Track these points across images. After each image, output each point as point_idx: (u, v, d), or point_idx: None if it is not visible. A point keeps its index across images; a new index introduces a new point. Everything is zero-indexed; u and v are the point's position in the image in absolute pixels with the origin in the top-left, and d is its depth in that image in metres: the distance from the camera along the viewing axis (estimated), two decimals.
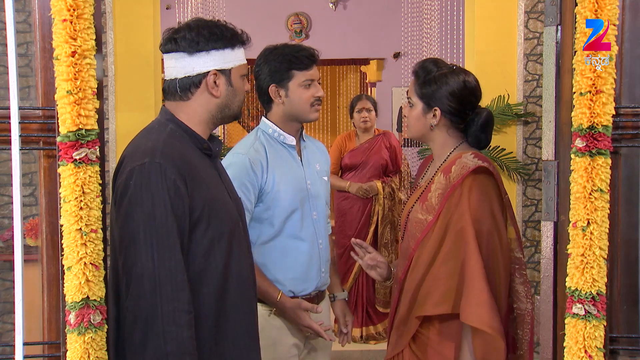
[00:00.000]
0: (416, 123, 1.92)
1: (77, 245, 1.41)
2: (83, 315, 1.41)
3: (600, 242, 1.44)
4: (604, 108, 1.43)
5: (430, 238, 1.80)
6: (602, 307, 1.45)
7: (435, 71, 1.90)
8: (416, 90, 1.91)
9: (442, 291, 1.74)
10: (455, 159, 1.86)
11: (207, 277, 1.56)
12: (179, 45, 1.60)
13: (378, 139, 4.46)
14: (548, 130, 1.59)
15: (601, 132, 1.43)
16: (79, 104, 1.41)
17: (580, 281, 1.45)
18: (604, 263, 1.44)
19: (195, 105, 1.64)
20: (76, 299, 1.41)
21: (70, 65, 1.40)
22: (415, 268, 1.83)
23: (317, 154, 2.32)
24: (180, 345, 1.44)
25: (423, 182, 1.97)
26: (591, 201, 1.43)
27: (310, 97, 2.13)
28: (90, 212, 1.42)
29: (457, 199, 1.77)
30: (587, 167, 1.44)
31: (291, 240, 2.13)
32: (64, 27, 1.40)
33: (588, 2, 1.43)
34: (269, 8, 7.90)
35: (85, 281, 1.41)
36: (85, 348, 1.41)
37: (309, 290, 2.17)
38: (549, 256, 1.56)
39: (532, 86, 3.39)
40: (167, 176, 1.48)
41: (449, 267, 1.74)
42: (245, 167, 2.05)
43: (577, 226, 1.45)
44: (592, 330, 1.44)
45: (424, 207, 1.85)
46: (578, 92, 1.45)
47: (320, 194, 2.24)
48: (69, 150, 1.41)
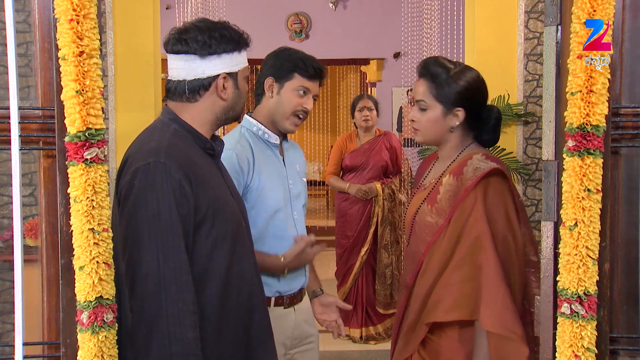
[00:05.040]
0: (433, 126, 1.85)
1: (89, 245, 1.41)
2: (97, 315, 1.41)
3: (587, 242, 1.43)
4: (594, 108, 1.42)
5: (442, 242, 1.76)
6: (591, 307, 1.44)
7: (450, 70, 1.83)
8: (432, 92, 1.83)
9: (455, 297, 1.70)
10: (465, 159, 1.82)
11: (210, 277, 1.55)
12: (190, 46, 1.59)
13: (379, 140, 4.46)
14: (548, 130, 1.59)
15: (590, 132, 1.42)
16: (87, 103, 1.41)
17: (567, 281, 1.45)
18: (592, 263, 1.43)
19: (201, 107, 1.64)
20: (90, 298, 1.41)
21: (78, 65, 1.40)
22: (425, 273, 1.79)
23: (296, 155, 2.30)
24: (185, 345, 1.44)
25: (428, 183, 1.93)
26: (579, 201, 1.43)
27: (297, 105, 2.10)
28: (102, 211, 1.42)
29: (472, 202, 1.73)
30: (576, 167, 1.43)
31: (276, 240, 2.11)
32: (71, 27, 1.39)
33: (582, 3, 1.42)
34: (269, 8, 7.90)
35: (98, 280, 1.41)
36: (99, 347, 1.42)
37: (294, 291, 2.16)
38: (549, 256, 1.56)
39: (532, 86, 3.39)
40: (172, 176, 1.48)
41: (464, 273, 1.70)
42: (232, 163, 2.02)
43: (566, 226, 1.45)
44: (579, 330, 1.44)
45: (434, 209, 1.81)
46: (569, 92, 1.45)
47: (300, 195, 2.22)
48: (79, 150, 1.41)
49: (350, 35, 8.00)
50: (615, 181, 1.65)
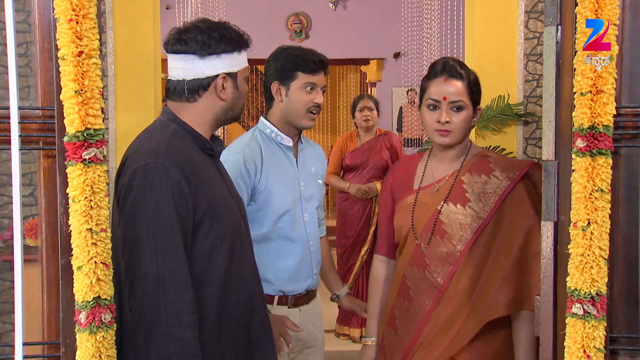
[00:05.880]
0: (467, 126, 1.91)
1: (87, 245, 1.40)
2: (94, 315, 1.41)
3: (600, 242, 1.43)
4: (604, 108, 1.43)
5: (484, 239, 1.81)
6: (602, 307, 1.44)
7: (469, 69, 1.92)
8: (467, 92, 1.88)
9: (515, 290, 1.76)
10: (478, 155, 1.91)
11: (209, 278, 1.55)
12: (189, 46, 1.60)
13: (379, 140, 4.46)
14: (548, 130, 1.59)
15: (602, 132, 1.43)
16: (86, 103, 1.41)
17: (580, 281, 1.45)
18: (604, 263, 1.44)
19: (200, 107, 1.64)
20: (88, 298, 1.41)
21: (77, 65, 1.40)
22: (464, 272, 1.81)
23: (315, 157, 2.32)
24: (184, 346, 1.44)
25: (437, 184, 1.93)
26: (592, 201, 1.43)
27: (308, 102, 2.13)
28: (100, 211, 1.41)
29: (518, 195, 1.81)
30: (588, 167, 1.43)
31: (282, 241, 2.13)
32: (70, 27, 1.39)
33: (588, 2, 1.42)
34: (269, 8, 7.91)
35: (96, 280, 1.41)
36: (97, 347, 1.41)
37: (299, 291, 2.17)
38: (549, 256, 1.56)
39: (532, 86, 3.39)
40: (170, 176, 1.48)
41: (519, 268, 1.76)
42: (239, 166, 2.05)
43: (578, 226, 1.45)
44: (591, 330, 1.44)
45: (467, 207, 1.84)
46: (579, 92, 1.45)
47: (313, 197, 2.24)
48: (78, 150, 1.41)
49: (350, 35, 8.00)
50: (615, 181, 1.64)
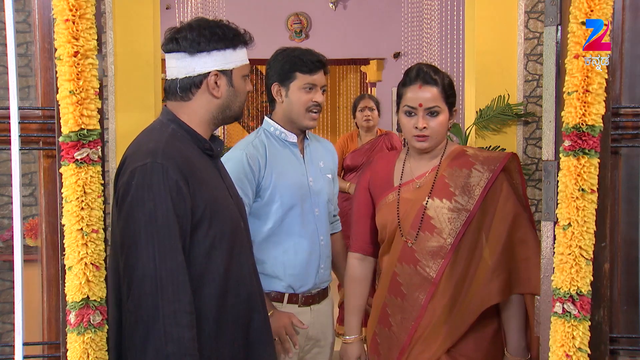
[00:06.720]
0: (444, 129, 1.95)
1: (78, 245, 1.40)
2: (83, 316, 1.41)
3: (581, 241, 1.43)
4: (589, 108, 1.43)
5: (472, 229, 1.86)
6: (583, 307, 1.43)
7: (441, 72, 1.96)
8: (442, 97, 1.92)
9: (505, 276, 1.82)
10: (456, 151, 1.97)
11: (208, 278, 1.55)
12: (180, 45, 1.61)
13: (380, 140, 4.45)
14: (548, 130, 1.59)
15: (586, 132, 1.43)
16: (81, 104, 1.41)
17: (559, 280, 1.45)
18: (585, 263, 1.43)
19: (195, 105, 1.64)
20: (76, 298, 1.41)
21: (73, 66, 1.40)
22: (456, 264, 1.86)
23: (323, 152, 2.34)
24: (181, 346, 1.44)
25: (418, 181, 1.96)
26: (573, 200, 1.43)
27: (307, 101, 2.15)
28: (91, 212, 1.42)
29: (500, 186, 1.88)
30: (571, 166, 1.44)
31: (290, 236, 2.14)
32: (67, 27, 1.39)
33: (579, 3, 1.43)
34: (269, 8, 7.90)
35: (85, 281, 1.41)
36: (84, 348, 1.41)
37: (308, 287, 2.17)
38: (549, 256, 1.56)
39: (532, 86, 3.39)
40: (169, 177, 1.48)
41: (507, 254, 1.83)
42: (242, 162, 2.08)
43: (560, 225, 1.45)
44: (571, 329, 1.43)
45: (453, 201, 1.88)
46: (566, 91, 1.45)
47: (322, 191, 2.26)
48: (71, 150, 1.41)
49: (350, 35, 8.00)
50: (615, 181, 1.65)
